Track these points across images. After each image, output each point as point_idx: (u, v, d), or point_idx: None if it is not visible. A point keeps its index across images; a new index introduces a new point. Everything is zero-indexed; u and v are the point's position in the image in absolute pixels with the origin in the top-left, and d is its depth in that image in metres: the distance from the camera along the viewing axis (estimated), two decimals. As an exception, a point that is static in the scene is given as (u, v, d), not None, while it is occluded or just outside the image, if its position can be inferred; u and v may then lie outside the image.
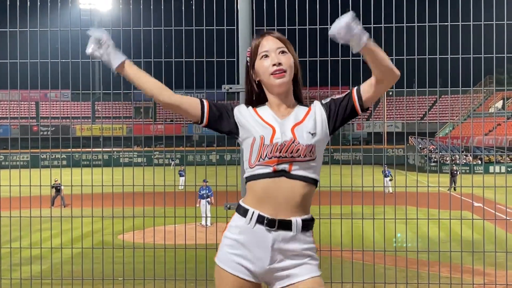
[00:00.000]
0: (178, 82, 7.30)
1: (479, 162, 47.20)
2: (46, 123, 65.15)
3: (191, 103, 3.49)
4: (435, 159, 51.46)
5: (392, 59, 7.00)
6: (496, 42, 6.96)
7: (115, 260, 7.51)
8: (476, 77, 8.19)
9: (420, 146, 57.47)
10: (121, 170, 7.40)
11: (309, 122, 3.42)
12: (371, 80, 3.39)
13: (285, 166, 3.33)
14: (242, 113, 3.51)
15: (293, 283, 3.37)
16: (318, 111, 3.47)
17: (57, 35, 7.51)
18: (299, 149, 3.33)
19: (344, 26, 3.07)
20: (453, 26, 6.88)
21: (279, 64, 3.36)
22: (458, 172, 33.07)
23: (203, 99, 3.52)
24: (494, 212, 7.49)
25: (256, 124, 3.43)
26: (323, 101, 3.50)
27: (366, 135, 66.70)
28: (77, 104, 77.26)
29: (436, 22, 6.80)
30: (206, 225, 20.02)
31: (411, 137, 58.99)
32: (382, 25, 6.72)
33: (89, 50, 3.44)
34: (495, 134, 50.73)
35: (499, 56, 6.94)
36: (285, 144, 3.33)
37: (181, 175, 34.39)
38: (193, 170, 7.98)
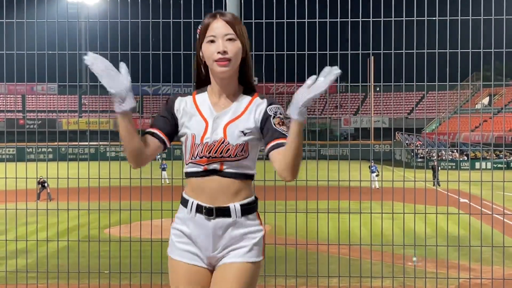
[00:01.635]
0: (166, 76, 7.28)
1: (465, 158, 47.41)
2: (32, 116, 64.83)
3: (153, 147, 3.39)
4: (422, 155, 51.63)
5: (380, 54, 7.01)
6: (483, 38, 6.98)
7: (102, 254, 7.49)
8: (463, 73, 8.21)
9: (407, 142, 57.67)
10: (107, 164, 7.37)
11: (244, 119, 3.33)
12: (280, 154, 3.22)
13: (215, 166, 3.30)
14: (181, 107, 3.43)
15: (229, 262, 3.35)
16: (258, 110, 3.36)
17: (44, 28, 7.46)
18: (229, 149, 3.28)
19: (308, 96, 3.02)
20: (441, 21, 6.90)
21: (224, 52, 3.25)
22: (439, 168, 33.18)
23: (151, 129, 3.41)
24: (480, 207, 7.53)
25: (190, 118, 3.38)
26: (269, 107, 3.36)
27: (353, 130, 66.92)
28: (64, 97, 76.91)
29: (424, 17, 6.81)
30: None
31: (398, 132, 59.19)
32: (370, 19, 6.72)
33: (104, 81, 3.20)
34: (481, 130, 50.93)
35: (487, 51, 6.96)
36: (214, 145, 3.28)
37: (163, 169, 34.35)
38: (180, 165, 7.94)
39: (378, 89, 68.73)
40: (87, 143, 9.32)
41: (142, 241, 7.19)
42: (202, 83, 3.51)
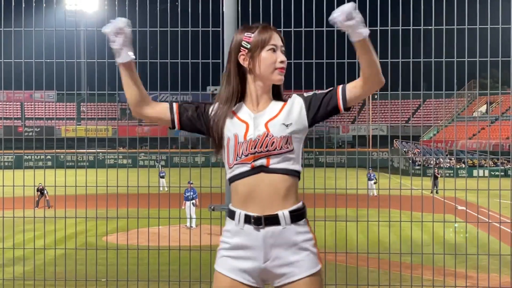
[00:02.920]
0: (163, 84, 7.30)
1: (463, 165, 47.46)
2: (31, 124, 64.79)
3: (161, 110, 3.48)
4: (419, 163, 51.68)
5: (376, 62, 7.03)
6: (479, 47, 7.01)
7: (99, 261, 7.49)
8: (460, 82, 8.25)
9: (404, 149, 57.72)
10: (105, 171, 7.39)
11: (283, 115, 3.39)
12: (357, 82, 3.40)
13: (262, 161, 3.31)
14: (217, 112, 3.47)
15: (291, 282, 3.34)
16: (296, 103, 3.44)
17: (42, 36, 7.49)
18: (274, 142, 3.31)
19: (347, 12, 3.16)
20: (437, 30, 6.93)
21: (283, 62, 3.41)
22: (439, 176, 33.24)
23: (173, 103, 3.50)
24: (476, 215, 7.55)
25: (229, 123, 3.41)
26: (305, 94, 3.48)
27: (351, 138, 66.95)
28: (62, 105, 76.95)
29: (421, 26, 6.84)
30: (191, 227, 19.99)
31: (395, 140, 59.26)
32: (367, 28, 6.75)
33: (107, 29, 3.45)
34: (478, 138, 51.01)
35: (483, 60, 6.99)
36: (259, 139, 3.31)
37: (162, 177, 34.34)
38: (178, 172, 7.95)
39: (376, 96, 68.85)
40: (85, 150, 9.34)
41: (140, 249, 7.20)
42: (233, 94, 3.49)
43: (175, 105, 3.49)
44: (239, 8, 5.80)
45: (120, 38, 3.44)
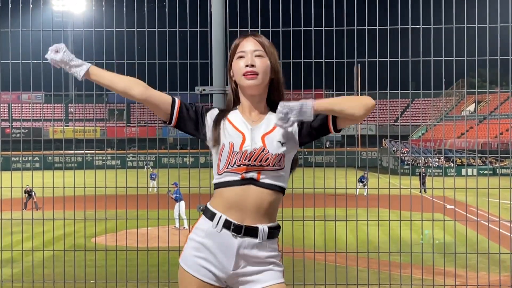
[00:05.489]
0: (151, 84, 7.26)
1: (451, 164, 47.66)
2: (18, 125, 64.50)
3: (163, 100, 3.46)
4: (408, 162, 51.86)
5: (364, 62, 7.05)
6: (467, 46, 7.03)
7: (88, 263, 7.46)
8: (449, 81, 8.29)
9: (393, 149, 57.88)
10: (93, 172, 7.36)
11: (277, 131, 3.38)
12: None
13: (253, 174, 3.32)
14: (215, 114, 3.50)
15: None
16: None
17: (29, 36, 7.45)
18: (268, 158, 3.32)
19: (284, 115, 3.22)
20: (425, 29, 6.94)
21: (252, 65, 3.35)
22: (425, 174, 33.35)
23: (176, 98, 3.49)
24: (465, 214, 7.56)
25: (226, 131, 3.41)
26: None
27: (340, 137, 67.02)
28: (50, 106, 76.65)
29: (408, 25, 6.85)
30: (184, 227, 20.03)
31: (384, 140, 59.38)
32: (355, 27, 6.76)
33: (50, 55, 3.40)
34: (466, 137, 51.24)
35: (471, 59, 7.01)
36: (254, 152, 3.32)
37: (152, 179, 34.25)
38: (166, 173, 7.92)
39: (364, 96, 68.81)
40: (73, 152, 9.30)
41: (129, 250, 7.17)
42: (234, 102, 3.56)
43: (177, 102, 3.48)
44: (227, 8, 5.79)
45: (63, 56, 3.41)
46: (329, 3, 6.70)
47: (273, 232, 3.42)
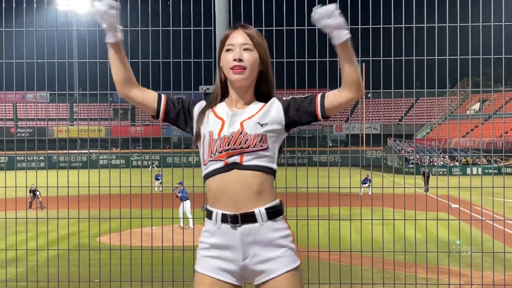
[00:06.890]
0: (155, 83, 7.27)
1: (456, 163, 47.56)
2: (23, 125, 64.60)
3: (148, 96, 3.49)
4: (413, 161, 51.77)
5: (368, 61, 7.04)
6: (472, 45, 7.01)
7: (92, 262, 7.46)
8: (453, 80, 8.26)
9: (398, 148, 57.79)
10: (98, 172, 7.36)
11: (260, 115, 3.39)
12: (337, 90, 3.39)
13: (236, 158, 3.31)
14: (201, 106, 3.51)
15: (271, 278, 3.35)
16: (274, 105, 3.43)
17: (33, 36, 7.46)
18: (247, 139, 3.30)
19: (328, 11, 3.15)
20: (429, 28, 6.93)
21: (240, 60, 3.35)
22: (429, 174, 33.29)
23: (161, 94, 3.51)
24: (470, 213, 7.54)
25: (208, 120, 3.42)
26: (284, 98, 3.48)
27: (344, 137, 66.99)
28: (55, 105, 76.72)
29: (413, 24, 6.84)
30: (189, 227, 20.01)
31: (389, 139, 59.29)
32: (359, 26, 6.75)
33: (99, 7, 3.36)
34: (471, 136, 51.11)
35: (475, 58, 6.99)
36: (232, 136, 3.31)
37: (157, 179, 34.20)
38: (171, 172, 7.93)
39: (369, 95, 68.91)
40: (78, 151, 9.31)
41: (133, 249, 7.18)
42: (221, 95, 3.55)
43: (163, 97, 3.49)
44: (231, 7, 5.79)
45: (109, 18, 3.38)
46: (332, 2, 6.68)
47: (273, 212, 3.38)
